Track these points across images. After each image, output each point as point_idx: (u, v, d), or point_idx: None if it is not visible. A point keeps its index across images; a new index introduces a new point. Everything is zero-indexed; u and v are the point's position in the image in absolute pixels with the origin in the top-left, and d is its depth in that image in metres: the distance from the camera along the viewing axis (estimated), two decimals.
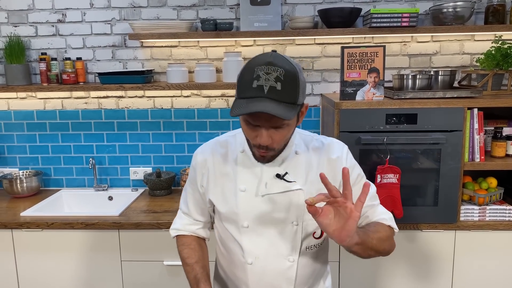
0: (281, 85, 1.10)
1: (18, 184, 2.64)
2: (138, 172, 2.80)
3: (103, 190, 2.77)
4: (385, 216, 1.36)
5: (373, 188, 1.37)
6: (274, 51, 1.18)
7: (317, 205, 1.10)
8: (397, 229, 1.39)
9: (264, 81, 1.10)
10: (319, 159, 1.33)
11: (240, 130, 1.38)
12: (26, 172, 2.79)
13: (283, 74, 1.11)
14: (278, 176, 1.28)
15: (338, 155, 1.32)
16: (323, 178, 1.09)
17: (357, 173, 1.35)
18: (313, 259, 1.37)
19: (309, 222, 1.29)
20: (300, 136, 1.36)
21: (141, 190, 2.75)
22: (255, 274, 1.32)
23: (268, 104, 1.09)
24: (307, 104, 1.24)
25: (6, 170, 2.83)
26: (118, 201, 2.68)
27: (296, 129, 1.34)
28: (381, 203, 2.06)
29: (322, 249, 1.41)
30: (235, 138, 1.38)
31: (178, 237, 1.48)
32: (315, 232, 1.33)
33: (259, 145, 1.19)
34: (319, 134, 2.66)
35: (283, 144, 1.26)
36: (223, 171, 1.35)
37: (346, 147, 1.37)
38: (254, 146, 1.23)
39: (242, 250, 1.32)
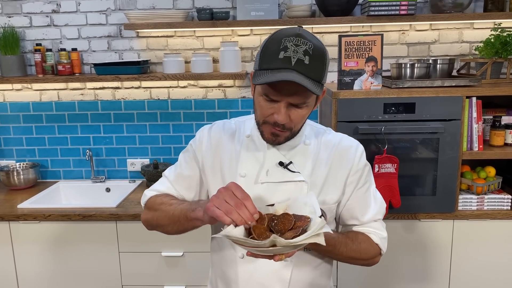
0: (309, 59, 1.05)
1: (15, 176, 2.63)
2: (136, 163, 2.79)
3: (101, 181, 2.76)
4: (379, 237, 1.29)
5: (382, 201, 1.32)
6: (300, 26, 1.12)
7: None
8: (384, 250, 1.30)
9: (292, 53, 1.04)
10: (329, 154, 1.25)
11: (248, 117, 1.33)
12: (23, 164, 2.78)
13: (312, 49, 1.06)
14: (281, 164, 1.20)
15: (351, 157, 1.26)
16: None
17: (366, 174, 1.30)
18: (312, 265, 1.26)
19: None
20: (311, 128, 1.29)
21: (138, 182, 2.74)
22: (246, 271, 1.22)
23: (295, 76, 1.03)
24: (325, 88, 1.16)
25: (3, 162, 2.82)
26: (116, 192, 2.67)
27: (308, 120, 1.26)
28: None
29: (325, 262, 1.30)
30: (244, 124, 1.31)
31: (152, 198, 1.30)
32: None
33: (274, 122, 1.12)
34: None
35: (300, 127, 1.19)
36: (226, 152, 1.27)
37: (361, 147, 1.30)
38: (268, 124, 1.14)
39: None
